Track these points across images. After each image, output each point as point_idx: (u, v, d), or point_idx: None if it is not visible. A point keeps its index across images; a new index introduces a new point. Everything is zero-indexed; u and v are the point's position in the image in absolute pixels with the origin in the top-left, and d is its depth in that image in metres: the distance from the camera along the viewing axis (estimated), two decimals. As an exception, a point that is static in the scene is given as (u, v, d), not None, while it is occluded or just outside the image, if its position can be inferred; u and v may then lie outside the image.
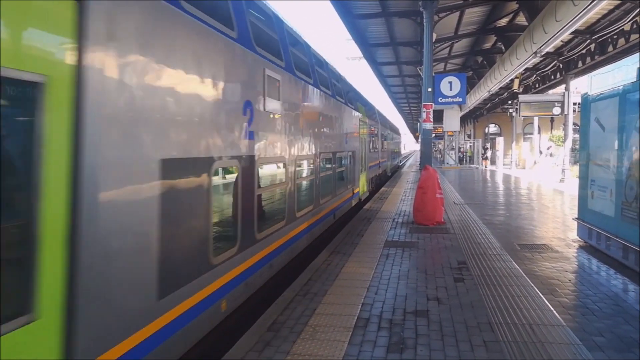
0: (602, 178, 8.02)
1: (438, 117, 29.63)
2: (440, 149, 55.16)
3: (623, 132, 7.18)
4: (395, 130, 40.83)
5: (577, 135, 22.20)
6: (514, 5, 16.56)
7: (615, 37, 16.86)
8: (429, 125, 12.89)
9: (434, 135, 37.90)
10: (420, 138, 15.30)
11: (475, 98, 27.86)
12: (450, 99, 13.63)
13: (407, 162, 58.71)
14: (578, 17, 11.09)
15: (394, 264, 7.22)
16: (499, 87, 23.61)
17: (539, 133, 36.31)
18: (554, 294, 5.75)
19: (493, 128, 48.01)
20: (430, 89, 12.66)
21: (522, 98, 24.98)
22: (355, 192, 14.02)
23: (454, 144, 46.52)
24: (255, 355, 4.10)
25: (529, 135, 38.21)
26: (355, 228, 10.36)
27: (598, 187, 8.16)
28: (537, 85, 28.67)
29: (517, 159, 35.64)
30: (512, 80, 23.37)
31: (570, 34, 15.84)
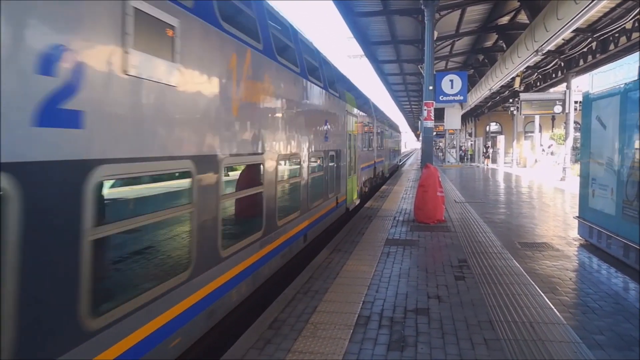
0: (603, 176, 8.01)
1: (439, 115, 29.47)
2: (442, 147, 55.16)
3: (624, 130, 7.18)
4: (395, 127, 37.53)
5: (578, 134, 22.18)
6: (516, 4, 16.54)
7: (617, 35, 16.83)
8: (430, 124, 12.89)
9: (435, 134, 37.89)
10: (422, 136, 15.30)
11: (477, 96, 27.85)
12: (452, 97, 13.66)
13: (407, 160, 58.69)
14: (579, 15, 11.08)
15: (395, 262, 7.23)
16: (500, 85, 23.60)
17: (540, 131, 36.29)
18: (555, 292, 5.75)
19: (494, 126, 48.00)
20: (432, 87, 12.66)
21: (523, 96, 24.96)
22: (341, 201, 11.18)
23: (455, 142, 46.50)
24: (256, 353, 4.11)
25: (530, 134, 38.19)
26: (356, 226, 10.37)
27: (599, 185, 8.16)
28: (538, 84, 28.63)
29: (518, 158, 35.61)
30: (513, 79, 23.38)
31: (572, 32, 15.83)
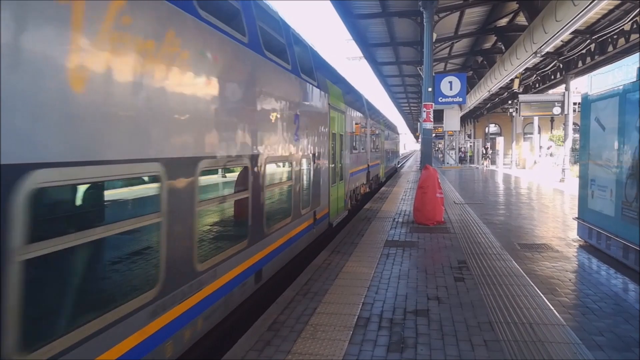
0: (602, 178, 8.02)
1: (438, 117, 29.67)
2: (441, 149, 55.19)
3: (623, 131, 7.19)
4: (392, 128, 35.02)
5: (577, 135, 22.22)
6: (514, 5, 16.56)
7: (615, 37, 16.86)
8: (429, 125, 12.89)
9: (434, 135, 37.93)
10: (421, 138, 15.30)
11: (476, 98, 27.87)
12: (451, 99, 13.65)
13: (406, 162, 58.71)
14: (578, 17, 11.10)
15: (394, 264, 7.23)
16: (499, 87, 23.61)
17: (539, 133, 36.33)
18: (554, 294, 5.75)
19: (493, 128, 48.03)
20: (431, 89, 12.67)
21: (522, 98, 25.00)
22: (321, 216, 8.98)
23: (454, 144, 46.53)
24: (256, 355, 4.11)
25: (529, 135, 38.21)
26: (356, 228, 10.36)
27: (598, 186, 8.17)
28: (537, 85, 28.67)
29: (517, 159, 35.64)
30: (512, 80, 23.38)
31: (570, 34, 15.85)
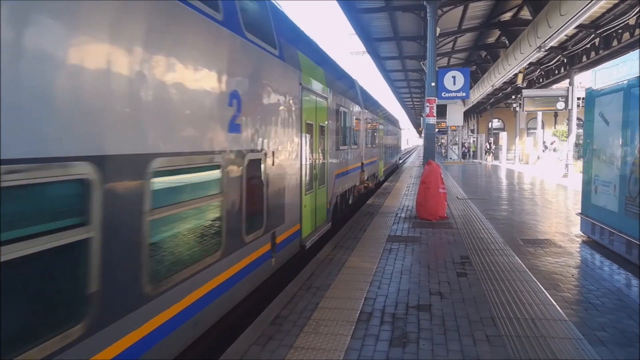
0: (605, 173, 8.00)
1: (441, 111, 29.48)
2: (444, 144, 55.06)
3: (627, 126, 7.15)
4: (392, 121, 31.43)
5: (581, 130, 22.13)
6: (518, 0, 16.46)
7: (620, 31, 16.74)
8: (433, 120, 12.85)
9: (437, 130, 37.82)
10: (424, 133, 15.26)
11: (479, 93, 27.76)
12: (454, 94, 13.58)
13: (409, 158, 58.59)
14: (582, 11, 11.02)
15: (397, 259, 7.23)
16: (503, 81, 23.50)
17: (543, 128, 36.19)
18: (557, 289, 5.75)
19: (496, 123, 47.89)
20: (434, 84, 12.62)
21: (525, 93, 24.88)
22: (285, 237, 6.61)
23: (457, 139, 46.44)
24: (259, 349, 4.13)
25: (533, 130, 38.07)
26: (358, 223, 10.37)
27: (602, 182, 8.14)
28: (541, 80, 28.52)
29: (520, 154, 35.54)
30: (516, 75, 23.27)
31: (575, 29, 15.74)
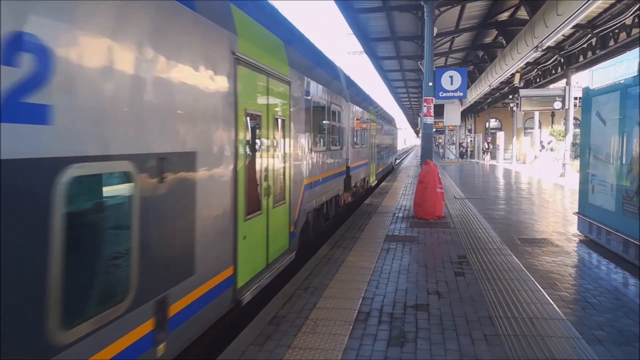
0: (602, 172, 8.02)
1: (439, 111, 29.59)
2: (441, 144, 55.13)
3: (624, 126, 7.17)
4: (387, 119, 28.51)
5: (578, 130, 22.17)
6: (515, 0, 16.49)
7: (617, 31, 16.78)
8: (430, 120, 12.86)
9: (435, 130, 37.85)
10: (421, 132, 15.28)
11: (476, 92, 27.80)
12: (451, 94, 13.64)
13: (407, 157, 58.64)
14: (579, 11, 11.04)
15: (395, 258, 7.23)
16: (500, 81, 23.54)
17: (540, 127, 36.26)
18: (554, 288, 5.76)
19: (494, 123, 47.95)
20: (431, 84, 12.63)
21: (523, 92, 24.92)
22: (206, 293, 4.19)
23: (455, 139, 46.51)
24: (257, 349, 4.12)
25: (530, 130, 38.16)
26: (356, 222, 10.37)
27: (599, 181, 8.16)
28: (538, 80, 28.58)
29: (517, 154, 35.61)
30: (513, 75, 23.31)
31: (572, 28, 15.77)
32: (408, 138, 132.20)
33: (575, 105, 22.78)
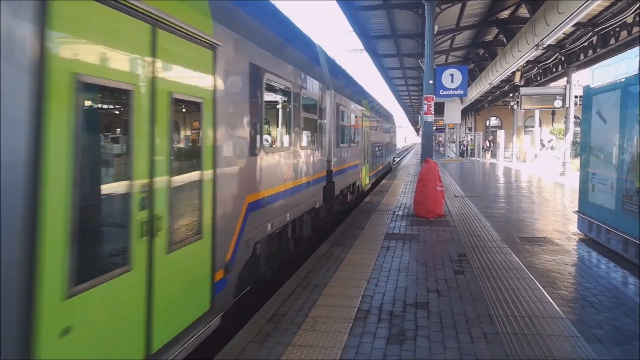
0: (603, 171, 8.01)
1: (439, 109, 29.51)
2: (442, 142, 55.12)
3: (624, 125, 7.17)
4: (384, 114, 26.02)
5: (578, 128, 22.16)
6: (516, -3, 16.46)
7: (618, 29, 16.75)
8: (430, 118, 12.84)
9: (435, 128, 37.78)
10: (422, 131, 15.26)
11: (477, 91, 27.77)
12: (452, 92, 13.60)
13: (407, 155, 58.64)
14: (580, 9, 11.03)
15: (395, 256, 7.24)
16: (501, 79, 23.50)
17: (540, 126, 36.24)
18: (554, 287, 5.76)
19: (494, 121, 47.89)
20: (432, 82, 12.60)
21: (523, 91, 24.90)
22: None
23: (455, 137, 46.46)
24: (256, 347, 4.13)
25: (530, 128, 38.12)
26: (356, 221, 10.37)
27: (599, 180, 8.16)
28: (538, 78, 28.54)
29: (518, 152, 35.59)
30: (513, 73, 23.27)
31: (572, 27, 15.75)
32: (408, 136, 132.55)
33: (576, 104, 22.77)
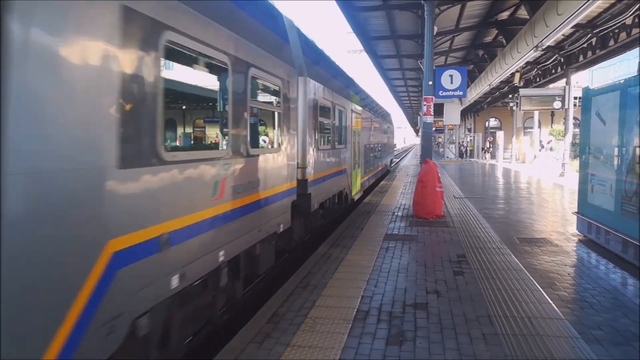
0: (602, 172, 8.02)
1: (438, 110, 29.57)
2: (441, 143, 55.14)
3: (624, 126, 7.17)
4: (380, 113, 24.40)
5: (577, 130, 22.17)
6: (516, -1, 16.48)
7: (617, 31, 16.77)
8: (430, 119, 12.84)
9: (435, 129, 37.83)
10: (421, 131, 15.26)
11: (476, 92, 27.79)
12: (451, 93, 13.61)
13: (406, 156, 58.65)
14: (580, 10, 11.03)
15: (394, 257, 7.23)
16: (500, 80, 23.52)
17: (540, 127, 36.25)
18: (553, 288, 5.76)
19: (493, 122, 47.94)
20: (431, 83, 12.61)
21: (522, 92, 24.91)
22: None
23: (454, 138, 46.51)
24: (255, 347, 4.12)
25: (529, 130, 38.13)
26: (355, 221, 10.37)
27: (598, 181, 8.17)
28: (537, 79, 28.56)
29: (517, 153, 35.62)
30: (512, 74, 23.30)
31: (572, 28, 15.76)
32: (408, 137, 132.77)
33: (575, 105, 22.77)
